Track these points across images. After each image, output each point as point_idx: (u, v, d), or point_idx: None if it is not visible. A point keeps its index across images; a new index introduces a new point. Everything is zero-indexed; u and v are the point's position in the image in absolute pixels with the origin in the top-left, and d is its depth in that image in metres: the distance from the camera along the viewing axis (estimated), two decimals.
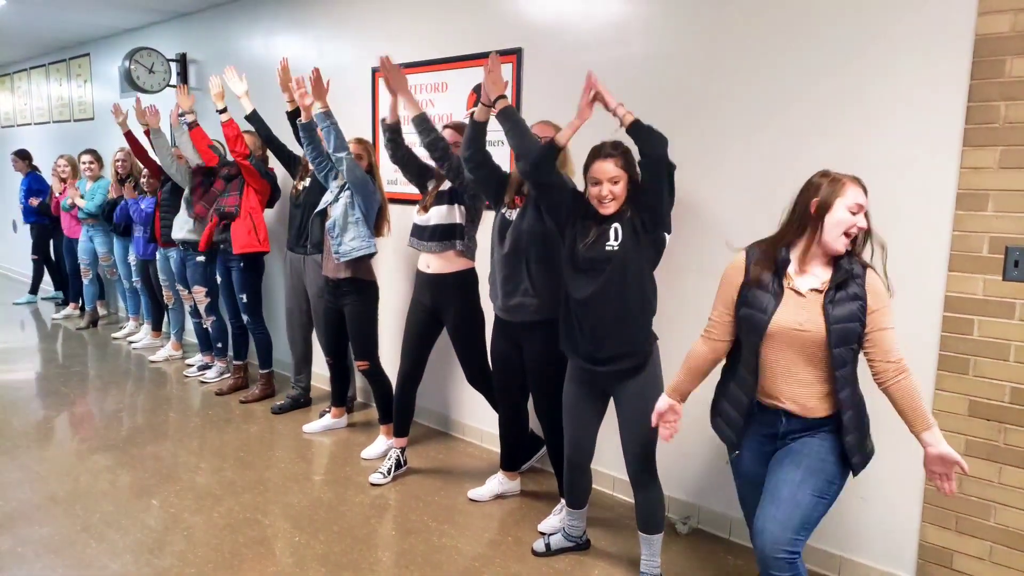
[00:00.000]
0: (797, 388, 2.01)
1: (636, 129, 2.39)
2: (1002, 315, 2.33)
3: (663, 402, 2.24)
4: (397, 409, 3.60)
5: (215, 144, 4.81)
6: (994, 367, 2.36)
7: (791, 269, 2.01)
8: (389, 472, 3.57)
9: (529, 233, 2.84)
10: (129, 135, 5.20)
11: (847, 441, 2.00)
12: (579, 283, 2.50)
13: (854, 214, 1.95)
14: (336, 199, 3.69)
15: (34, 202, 7.15)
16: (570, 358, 2.65)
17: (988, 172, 2.32)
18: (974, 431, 2.41)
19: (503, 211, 2.97)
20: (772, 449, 2.11)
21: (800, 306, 1.98)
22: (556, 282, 2.70)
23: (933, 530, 2.52)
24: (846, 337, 1.95)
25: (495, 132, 3.66)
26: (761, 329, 2.00)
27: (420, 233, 3.38)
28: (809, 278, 2.00)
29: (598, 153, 2.46)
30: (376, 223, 3.75)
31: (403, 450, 3.64)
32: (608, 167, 2.42)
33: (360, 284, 3.75)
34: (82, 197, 6.16)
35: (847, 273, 1.96)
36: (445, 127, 3.34)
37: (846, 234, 1.95)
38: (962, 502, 2.45)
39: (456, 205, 3.29)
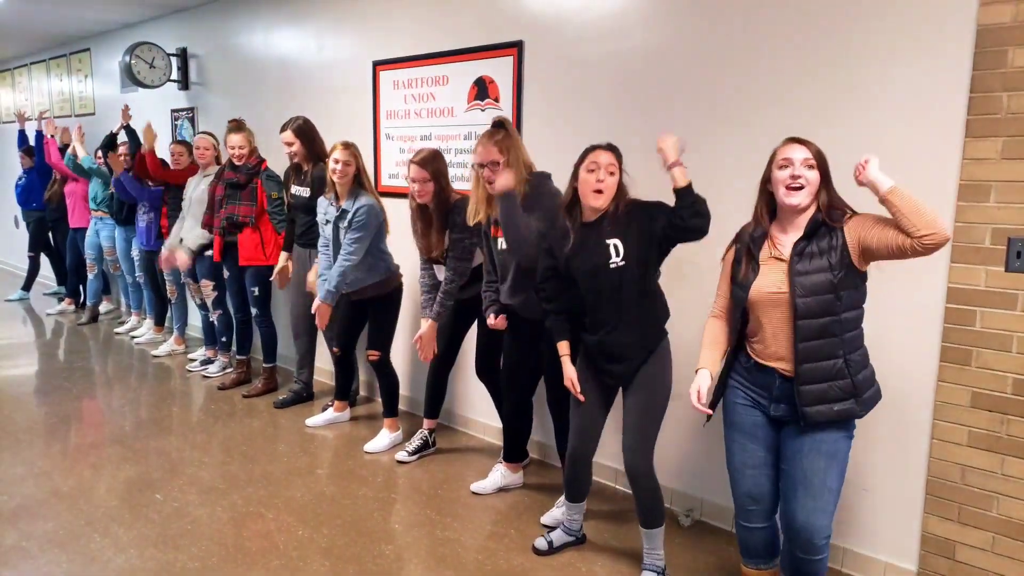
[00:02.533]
0: (788, 350, 2.07)
1: (685, 194, 2.37)
2: (1004, 306, 2.33)
3: (704, 379, 2.23)
4: (428, 392, 3.69)
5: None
6: (996, 358, 2.36)
7: (776, 237, 2.11)
8: (416, 451, 3.68)
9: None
10: (151, 155, 5.18)
11: (801, 391, 2.03)
12: (586, 291, 2.54)
13: (783, 167, 2.04)
14: (336, 227, 3.71)
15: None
16: (583, 350, 2.67)
17: (990, 163, 2.31)
18: (976, 422, 2.41)
19: (494, 240, 3.03)
20: (765, 408, 2.15)
21: (780, 271, 2.07)
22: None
23: (935, 521, 2.52)
24: (812, 288, 2.00)
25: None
26: (740, 302, 2.13)
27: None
28: (790, 241, 2.08)
29: (595, 146, 2.50)
30: None
31: (432, 432, 3.75)
32: (604, 157, 2.46)
33: (384, 294, 3.80)
34: (95, 200, 6.17)
35: (815, 225, 2.03)
36: (410, 162, 3.34)
37: (789, 188, 2.03)
38: (965, 493, 2.45)
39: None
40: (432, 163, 3.30)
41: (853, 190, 2.07)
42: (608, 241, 2.46)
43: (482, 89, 3.74)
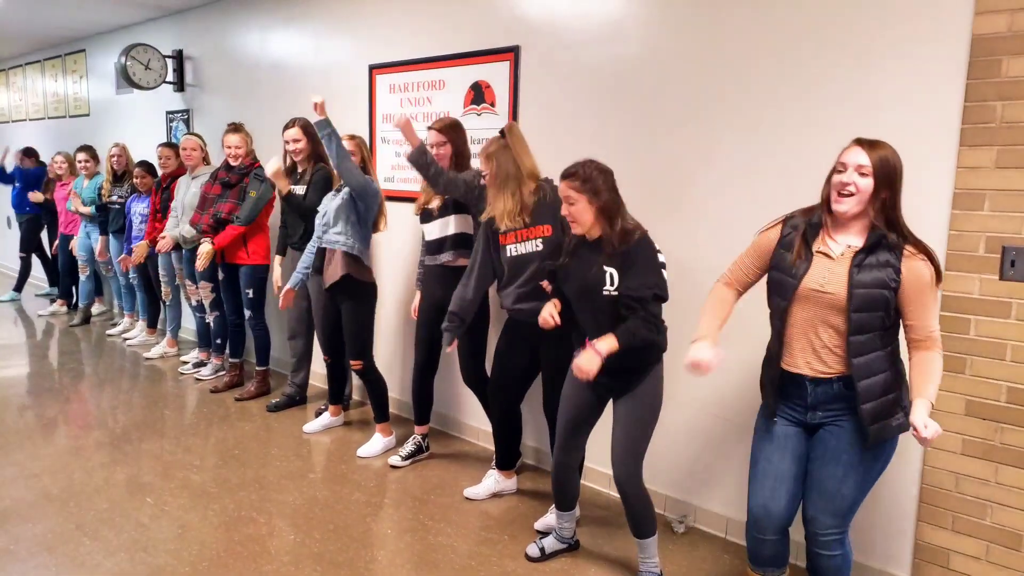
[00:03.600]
0: (819, 354, 2.05)
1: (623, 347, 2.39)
2: (999, 314, 2.33)
3: (706, 352, 2.11)
4: (416, 398, 3.68)
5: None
6: (990, 366, 2.36)
7: (824, 234, 2.06)
8: (409, 456, 3.68)
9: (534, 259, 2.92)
10: None
11: (863, 409, 2.01)
12: (578, 309, 2.55)
13: (838, 172, 2.00)
14: (336, 193, 3.69)
15: (37, 197, 7.09)
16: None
17: (984, 172, 2.32)
18: (970, 430, 2.42)
19: (502, 247, 2.99)
20: (802, 418, 2.13)
21: (826, 268, 2.03)
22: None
23: (929, 529, 2.52)
24: (869, 303, 1.97)
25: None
26: (789, 292, 2.06)
27: (430, 248, 3.46)
28: (843, 243, 2.04)
29: (562, 175, 2.49)
30: (374, 219, 3.75)
31: (425, 437, 3.76)
32: (563, 187, 2.46)
33: (356, 284, 3.71)
34: (83, 203, 6.15)
35: (879, 238, 1.98)
36: (429, 128, 3.37)
37: (838, 194, 1.99)
38: (959, 501, 2.45)
39: (464, 215, 3.34)
40: (451, 130, 3.33)
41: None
42: (606, 268, 2.43)
43: (478, 94, 3.74)
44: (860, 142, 2.01)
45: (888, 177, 1.97)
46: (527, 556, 2.85)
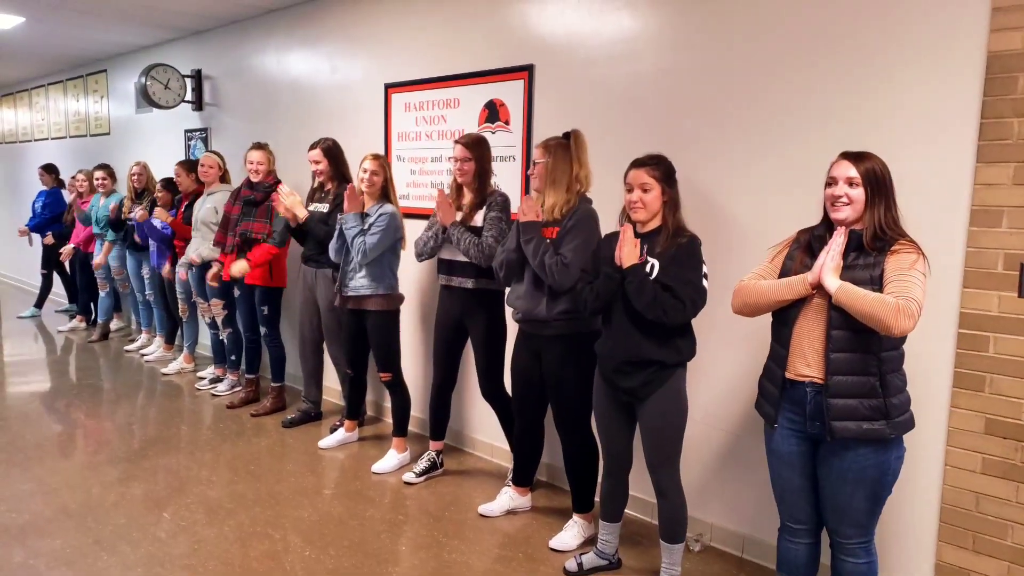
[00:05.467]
0: (817, 358, 2.09)
1: None
2: (1018, 332, 2.31)
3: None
4: (432, 415, 3.69)
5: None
6: (1011, 385, 2.34)
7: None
8: (423, 473, 3.69)
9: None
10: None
11: (829, 404, 2.05)
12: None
13: (829, 185, 2.12)
14: (355, 233, 3.71)
15: (48, 241, 7.28)
16: (598, 367, 2.70)
17: (1002, 188, 2.31)
18: (990, 449, 2.39)
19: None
20: (802, 430, 2.16)
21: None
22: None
23: (949, 549, 2.49)
24: None
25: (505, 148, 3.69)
26: (799, 300, 2.13)
27: (448, 268, 3.44)
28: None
29: (634, 162, 2.57)
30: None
31: (439, 453, 3.76)
32: (640, 174, 2.52)
33: (384, 309, 3.76)
34: (98, 221, 6.27)
35: (858, 239, 2.07)
36: (456, 142, 3.38)
37: (833, 204, 2.10)
38: (979, 521, 2.42)
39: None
40: (476, 147, 3.35)
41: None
42: (649, 259, 2.50)
43: (493, 112, 3.77)
44: (846, 155, 2.12)
45: (878, 184, 2.07)
46: (565, 570, 2.84)
